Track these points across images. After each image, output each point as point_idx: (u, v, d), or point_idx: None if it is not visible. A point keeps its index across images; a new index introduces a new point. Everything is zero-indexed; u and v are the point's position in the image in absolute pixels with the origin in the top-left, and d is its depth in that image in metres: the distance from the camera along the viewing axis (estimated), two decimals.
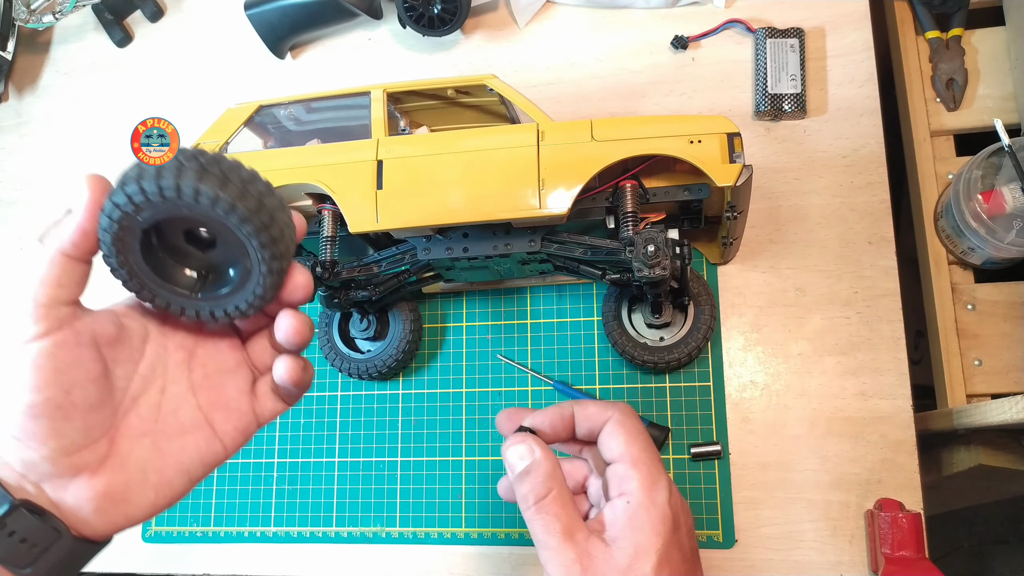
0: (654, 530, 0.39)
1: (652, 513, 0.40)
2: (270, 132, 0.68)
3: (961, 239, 0.68)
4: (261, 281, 0.37)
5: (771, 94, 0.70)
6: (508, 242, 0.57)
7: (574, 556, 0.39)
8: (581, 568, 0.39)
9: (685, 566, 0.40)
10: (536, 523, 0.40)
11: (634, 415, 0.43)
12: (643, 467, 0.41)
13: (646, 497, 0.40)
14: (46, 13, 0.85)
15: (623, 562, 0.39)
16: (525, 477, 0.41)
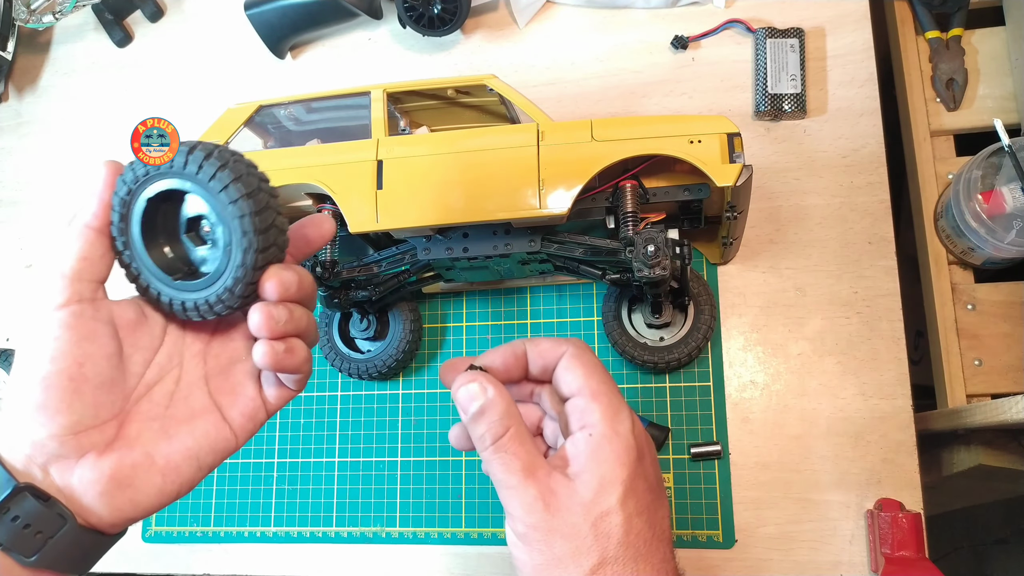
0: (619, 461, 0.38)
1: (616, 444, 0.38)
2: (270, 132, 0.68)
3: (961, 239, 0.68)
4: (233, 274, 0.36)
5: (771, 94, 0.70)
6: (508, 242, 0.57)
7: (536, 493, 0.37)
8: (544, 504, 0.37)
9: (650, 496, 0.39)
10: (495, 463, 0.38)
11: (588, 349, 0.42)
12: (603, 398, 0.39)
13: (609, 428, 0.39)
14: (46, 13, 0.85)
15: (587, 495, 0.37)
16: (480, 417, 0.39)
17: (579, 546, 0.37)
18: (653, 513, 0.39)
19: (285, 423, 0.73)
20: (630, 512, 0.38)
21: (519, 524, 0.38)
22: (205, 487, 0.73)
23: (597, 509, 0.37)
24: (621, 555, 0.37)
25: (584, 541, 0.37)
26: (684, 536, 0.64)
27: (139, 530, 0.73)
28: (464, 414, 0.39)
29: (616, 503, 0.37)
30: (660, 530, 0.39)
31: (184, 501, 0.73)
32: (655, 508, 0.39)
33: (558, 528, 0.37)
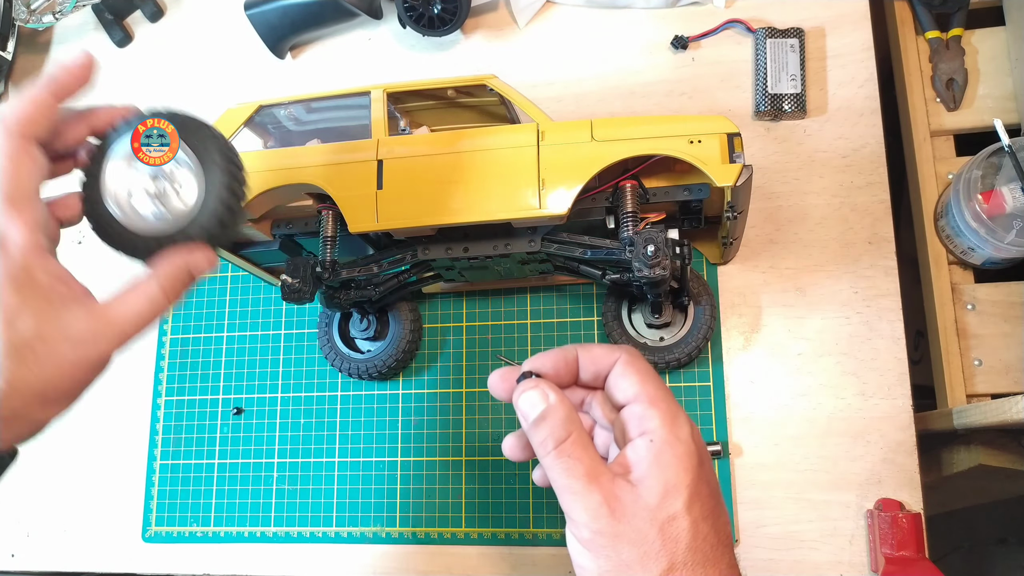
0: (681, 466, 0.38)
1: (677, 449, 0.38)
2: (270, 132, 0.68)
3: (961, 239, 0.68)
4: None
5: (771, 94, 0.70)
6: (508, 242, 0.57)
7: (600, 498, 0.37)
8: (609, 510, 0.37)
9: (713, 501, 0.39)
10: (557, 468, 0.38)
11: (641, 356, 0.42)
12: (662, 404, 0.39)
13: (669, 433, 0.38)
14: (46, 13, 0.85)
15: (653, 500, 0.37)
16: (541, 423, 0.39)
17: (647, 551, 0.36)
18: (717, 518, 0.39)
19: (285, 423, 0.73)
20: (696, 517, 0.37)
21: (584, 530, 0.37)
22: (205, 487, 0.73)
23: (663, 514, 0.37)
24: (689, 560, 0.37)
25: (652, 546, 0.36)
26: None
27: (139, 530, 0.73)
28: (525, 420, 0.40)
29: (682, 507, 0.37)
30: (724, 535, 0.39)
31: (184, 501, 0.73)
32: (718, 513, 0.39)
33: (625, 533, 0.37)
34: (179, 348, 0.76)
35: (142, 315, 0.41)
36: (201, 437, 0.74)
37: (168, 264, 0.42)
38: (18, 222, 0.39)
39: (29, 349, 0.38)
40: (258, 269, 0.70)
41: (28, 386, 0.38)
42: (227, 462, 0.73)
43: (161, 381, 0.76)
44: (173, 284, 0.42)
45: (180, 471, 0.74)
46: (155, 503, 0.74)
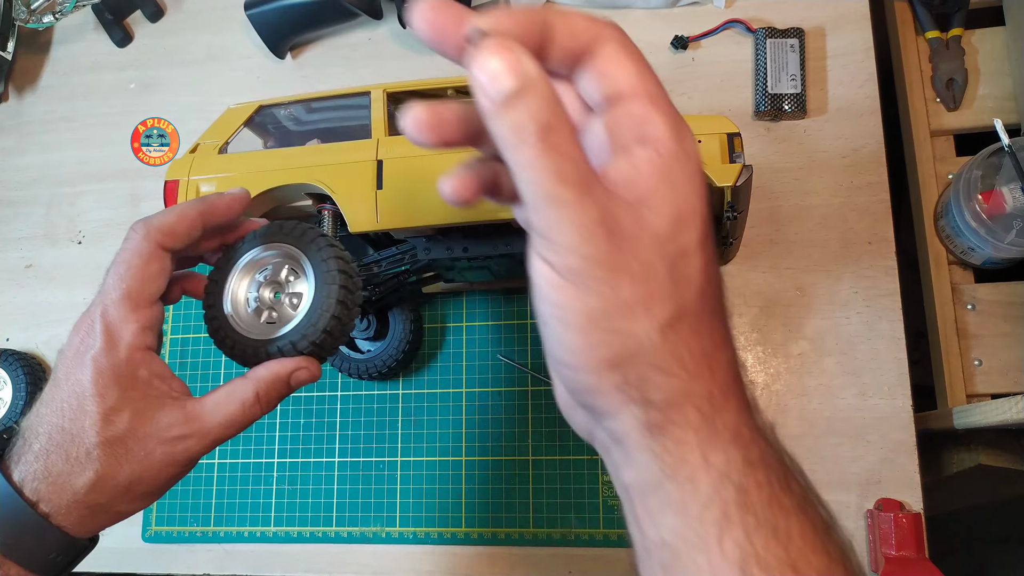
0: (693, 189, 0.28)
1: (688, 168, 0.28)
2: (270, 132, 0.68)
3: (961, 239, 0.68)
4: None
5: (771, 94, 0.70)
6: (508, 242, 0.57)
7: (597, 215, 0.27)
8: (607, 232, 0.27)
9: (715, 246, 0.30)
10: (539, 167, 0.26)
11: (631, 40, 0.31)
12: (666, 106, 0.30)
13: (678, 145, 0.28)
14: (46, 13, 0.85)
15: (662, 228, 0.27)
16: (518, 100, 0.27)
17: (653, 291, 0.27)
18: (717, 264, 0.30)
19: (285, 423, 0.73)
20: (709, 256, 0.29)
21: (572, 256, 0.27)
22: (205, 487, 0.73)
23: (674, 247, 0.28)
24: (700, 308, 0.28)
25: (660, 286, 0.27)
26: None
27: (139, 530, 0.73)
28: (486, 97, 0.28)
29: (696, 242, 0.28)
30: (724, 286, 0.31)
31: (184, 501, 0.73)
32: (717, 257, 0.30)
33: (627, 266, 0.27)
34: (179, 348, 0.76)
35: (233, 421, 0.42)
36: None
37: (268, 373, 0.43)
38: (132, 322, 0.41)
39: (122, 446, 0.39)
40: None
41: (116, 481, 0.40)
42: (227, 462, 0.73)
43: None
44: (269, 393, 0.42)
45: None
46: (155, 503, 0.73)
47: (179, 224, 0.43)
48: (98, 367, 0.40)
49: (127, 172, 0.84)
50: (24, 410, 0.75)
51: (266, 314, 0.46)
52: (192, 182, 0.59)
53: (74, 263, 0.82)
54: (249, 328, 0.45)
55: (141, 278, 0.42)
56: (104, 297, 0.42)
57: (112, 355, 0.40)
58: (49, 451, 0.39)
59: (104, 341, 0.40)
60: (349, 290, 0.44)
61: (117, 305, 0.41)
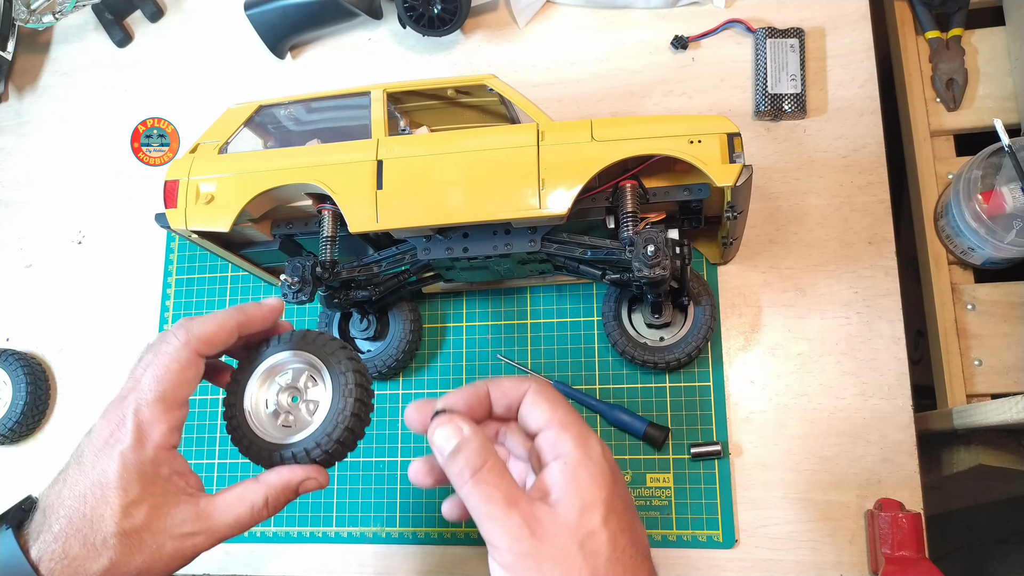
0: (596, 483, 0.39)
1: (590, 468, 0.39)
2: (270, 132, 0.68)
3: (961, 239, 0.68)
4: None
5: (771, 94, 0.70)
6: (508, 242, 0.57)
7: (520, 521, 0.37)
8: (530, 532, 0.37)
9: (629, 514, 0.40)
10: (475, 497, 0.39)
11: (550, 384, 0.43)
12: (573, 428, 0.40)
13: (582, 454, 0.39)
14: (46, 13, 0.85)
15: (571, 518, 0.38)
16: (457, 455, 0.40)
17: (570, 568, 0.37)
18: (634, 531, 0.40)
19: None
20: (614, 530, 0.38)
21: (506, 554, 0.38)
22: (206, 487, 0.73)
23: (582, 530, 0.38)
24: (610, 571, 0.38)
25: (574, 562, 0.37)
26: (684, 536, 0.64)
27: None
28: (441, 455, 0.40)
29: (600, 522, 0.38)
30: (642, 547, 0.40)
31: None
32: (635, 526, 0.40)
33: (546, 553, 0.37)
34: None
35: (241, 522, 0.45)
36: (201, 437, 0.74)
37: (279, 480, 0.46)
38: (163, 423, 0.43)
39: (137, 537, 0.42)
40: (258, 269, 0.70)
41: (127, 569, 0.42)
42: (227, 462, 0.73)
43: None
44: (278, 498, 0.46)
45: None
46: None
47: (219, 335, 0.46)
48: (125, 462, 0.42)
49: (127, 172, 0.84)
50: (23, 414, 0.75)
51: (283, 417, 0.48)
52: (192, 182, 0.59)
53: (74, 263, 0.82)
54: (265, 430, 0.47)
55: (178, 383, 0.45)
56: (139, 395, 0.44)
57: (140, 452, 0.43)
58: (68, 534, 0.41)
59: (134, 439, 0.43)
60: (364, 403, 0.47)
61: (151, 406, 0.44)
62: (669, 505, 0.65)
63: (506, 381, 0.43)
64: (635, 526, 0.40)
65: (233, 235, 0.61)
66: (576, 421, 0.41)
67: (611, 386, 0.68)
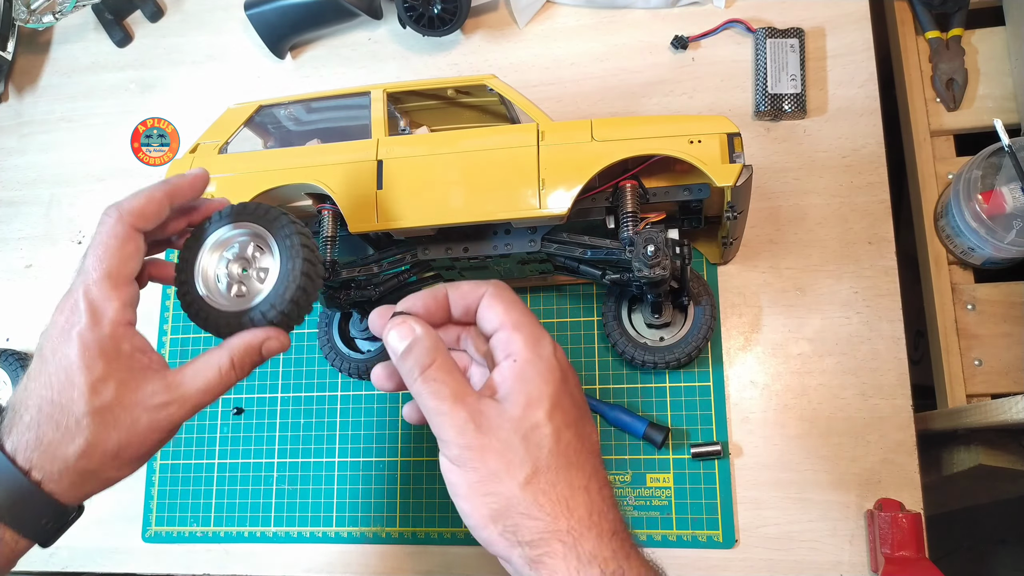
0: (543, 380, 0.40)
1: (539, 366, 0.40)
2: (270, 132, 0.68)
3: (961, 239, 0.68)
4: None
5: (771, 94, 0.70)
6: (508, 242, 0.57)
7: (466, 415, 0.39)
8: (475, 425, 0.39)
9: (577, 412, 0.41)
10: (424, 393, 0.40)
11: (507, 288, 0.43)
12: (525, 329, 0.41)
13: (532, 353, 0.40)
14: (46, 13, 0.85)
15: (516, 412, 0.39)
16: (408, 354, 0.41)
17: (512, 459, 0.38)
18: (581, 428, 0.41)
19: (285, 423, 0.73)
20: (558, 424, 0.39)
21: (452, 448, 0.39)
22: (205, 487, 0.73)
23: (526, 423, 0.39)
24: (553, 463, 0.39)
25: (516, 454, 0.38)
26: (684, 536, 0.64)
27: (139, 530, 0.73)
28: (394, 354, 0.41)
29: (544, 416, 0.39)
30: (589, 443, 0.41)
31: (184, 501, 0.73)
32: (583, 423, 0.41)
33: (490, 445, 0.38)
34: (179, 348, 0.76)
35: (211, 387, 0.45)
36: (201, 437, 0.74)
37: (241, 342, 0.46)
38: (114, 299, 0.43)
39: (110, 414, 0.42)
40: None
41: (105, 448, 0.42)
42: (227, 462, 0.73)
43: None
44: (243, 360, 0.46)
45: (180, 471, 0.74)
46: (155, 503, 0.74)
47: (148, 206, 0.46)
48: (84, 342, 0.42)
49: (127, 172, 0.84)
50: None
51: (235, 288, 0.48)
52: None
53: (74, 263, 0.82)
54: (220, 302, 0.47)
55: (119, 258, 0.44)
56: (85, 277, 0.44)
57: (97, 330, 0.42)
58: (40, 422, 0.42)
59: (89, 317, 0.43)
60: (312, 263, 0.46)
61: (99, 284, 0.44)
62: (669, 505, 0.65)
63: (465, 285, 0.44)
64: (582, 423, 0.41)
65: None
66: (529, 322, 0.42)
67: (611, 386, 0.68)
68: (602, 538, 0.38)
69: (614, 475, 0.66)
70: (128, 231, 0.45)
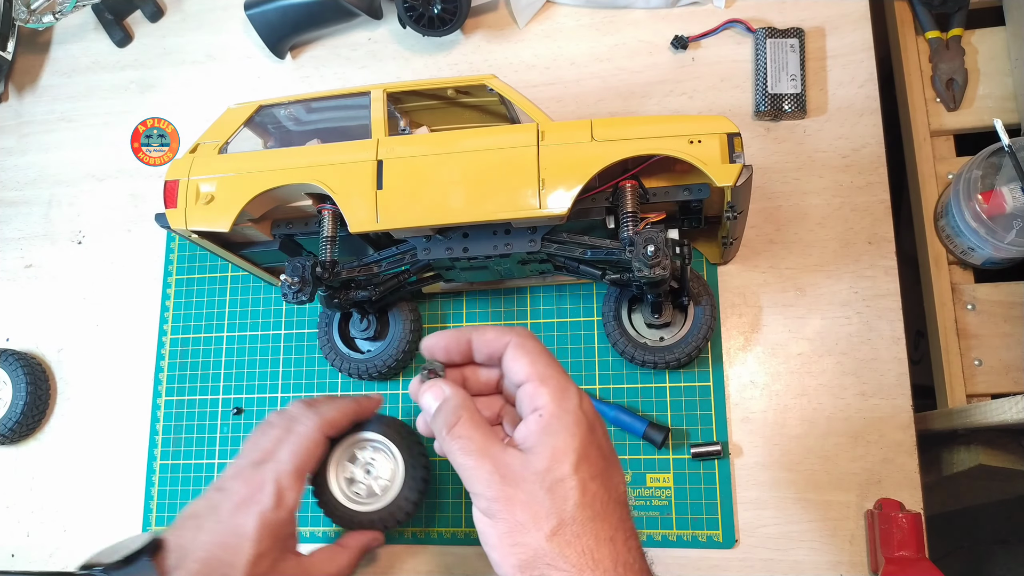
0: (569, 433, 0.41)
1: (565, 419, 0.41)
2: (270, 132, 0.68)
3: (961, 239, 0.68)
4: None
5: (771, 94, 0.70)
6: (508, 242, 0.57)
7: (492, 468, 0.41)
8: (501, 477, 0.40)
9: (604, 463, 0.42)
10: (453, 449, 0.42)
11: (533, 337, 0.45)
12: (551, 381, 0.43)
13: (557, 407, 0.42)
14: (46, 13, 0.85)
15: (541, 465, 0.40)
16: (438, 413, 0.44)
17: (538, 511, 0.40)
18: (608, 479, 0.42)
19: None
20: (584, 477, 0.40)
21: (482, 500, 0.41)
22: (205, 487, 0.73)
23: (551, 476, 0.40)
24: (579, 516, 0.40)
25: (543, 506, 0.40)
26: (684, 536, 0.64)
27: (139, 530, 0.73)
28: (427, 414, 0.45)
29: (570, 469, 0.40)
30: (616, 494, 0.42)
31: (184, 501, 0.73)
32: (610, 474, 0.42)
33: (516, 497, 0.40)
34: (179, 348, 0.76)
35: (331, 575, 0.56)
36: (201, 437, 0.74)
37: (357, 542, 0.58)
38: (296, 491, 0.53)
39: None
40: (258, 269, 0.70)
41: None
42: (227, 462, 0.73)
43: (161, 381, 0.76)
44: (358, 558, 0.58)
45: (180, 471, 0.74)
46: (155, 503, 0.74)
47: (342, 422, 0.58)
48: (264, 521, 0.51)
49: (127, 172, 0.84)
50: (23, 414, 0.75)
51: (360, 490, 0.61)
52: (192, 182, 0.59)
53: (74, 263, 0.82)
54: (346, 500, 0.60)
55: (308, 458, 0.55)
56: (278, 466, 0.53)
57: (276, 513, 0.52)
58: (206, 573, 0.49)
59: (274, 501, 0.52)
60: (424, 474, 0.60)
61: (290, 476, 0.53)
62: (669, 505, 0.65)
63: (489, 331, 0.46)
64: (609, 473, 0.42)
65: (233, 235, 0.61)
66: (556, 374, 0.43)
67: (611, 386, 0.68)
68: None
69: None
70: (321, 437, 0.56)
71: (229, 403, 0.74)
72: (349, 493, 0.61)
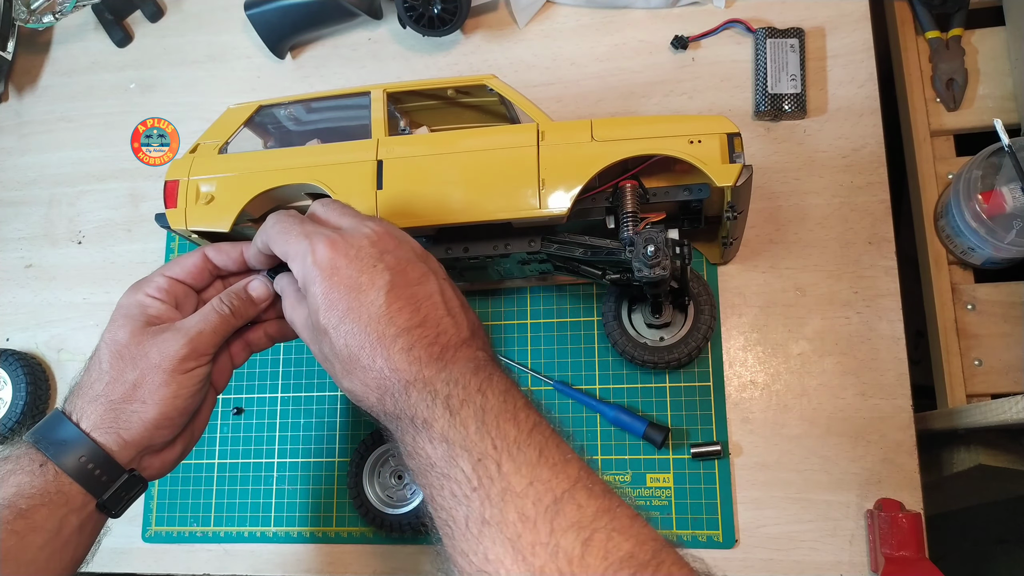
0: (311, 295, 0.45)
1: (307, 287, 0.45)
2: (270, 132, 0.68)
3: (961, 239, 0.68)
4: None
5: (771, 94, 0.70)
6: (508, 242, 0.57)
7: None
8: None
9: (349, 293, 0.44)
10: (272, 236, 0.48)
11: (268, 222, 0.49)
12: (289, 259, 0.46)
13: (299, 274, 0.46)
14: (46, 13, 0.85)
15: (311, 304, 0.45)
16: (256, 236, 0.50)
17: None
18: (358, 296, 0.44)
19: (285, 423, 0.73)
20: (334, 324, 0.44)
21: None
22: (205, 487, 0.73)
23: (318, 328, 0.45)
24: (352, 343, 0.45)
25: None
26: (684, 536, 0.64)
27: (139, 530, 0.73)
28: (268, 284, 0.53)
29: (323, 322, 0.44)
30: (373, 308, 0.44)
31: (184, 501, 0.73)
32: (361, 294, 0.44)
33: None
34: None
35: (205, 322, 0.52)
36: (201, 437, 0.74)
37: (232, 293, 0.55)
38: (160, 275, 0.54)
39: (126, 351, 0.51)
40: None
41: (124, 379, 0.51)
42: (227, 462, 0.73)
43: None
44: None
45: (180, 471, 0.74)
46: (155, 503, 0.74)
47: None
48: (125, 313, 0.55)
49: (127, 172, 0.84)
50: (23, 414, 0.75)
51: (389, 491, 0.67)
52: (192, 182, 0.59)
53: (74, 263, 0.82)
54: (377, 498, 0.68)
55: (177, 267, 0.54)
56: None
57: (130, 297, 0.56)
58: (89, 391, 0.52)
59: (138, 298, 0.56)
60: None
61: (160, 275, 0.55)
62: (669, 505, 0.65)
63: (225, 246, 0.53)
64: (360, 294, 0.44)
65: (233, 235, 0.60)
66: (287, 248, 0.46)
67: (611, 386, 0.68)
68: None
69: (614, 475, 0.66)
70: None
71: (229, 403, 0.74)
72: (383, 496, 0.68)
